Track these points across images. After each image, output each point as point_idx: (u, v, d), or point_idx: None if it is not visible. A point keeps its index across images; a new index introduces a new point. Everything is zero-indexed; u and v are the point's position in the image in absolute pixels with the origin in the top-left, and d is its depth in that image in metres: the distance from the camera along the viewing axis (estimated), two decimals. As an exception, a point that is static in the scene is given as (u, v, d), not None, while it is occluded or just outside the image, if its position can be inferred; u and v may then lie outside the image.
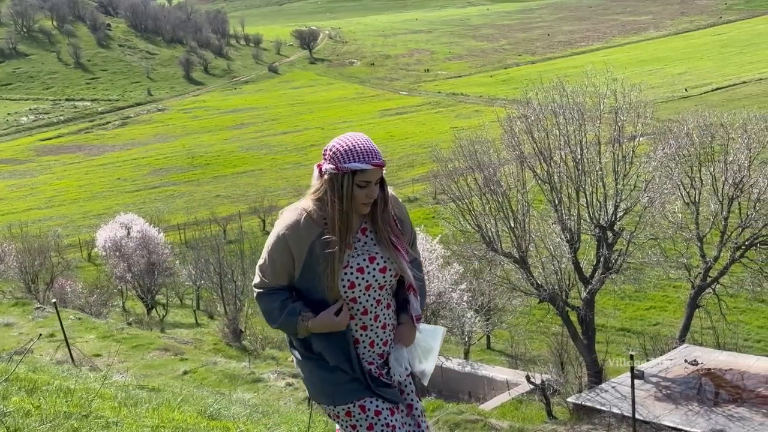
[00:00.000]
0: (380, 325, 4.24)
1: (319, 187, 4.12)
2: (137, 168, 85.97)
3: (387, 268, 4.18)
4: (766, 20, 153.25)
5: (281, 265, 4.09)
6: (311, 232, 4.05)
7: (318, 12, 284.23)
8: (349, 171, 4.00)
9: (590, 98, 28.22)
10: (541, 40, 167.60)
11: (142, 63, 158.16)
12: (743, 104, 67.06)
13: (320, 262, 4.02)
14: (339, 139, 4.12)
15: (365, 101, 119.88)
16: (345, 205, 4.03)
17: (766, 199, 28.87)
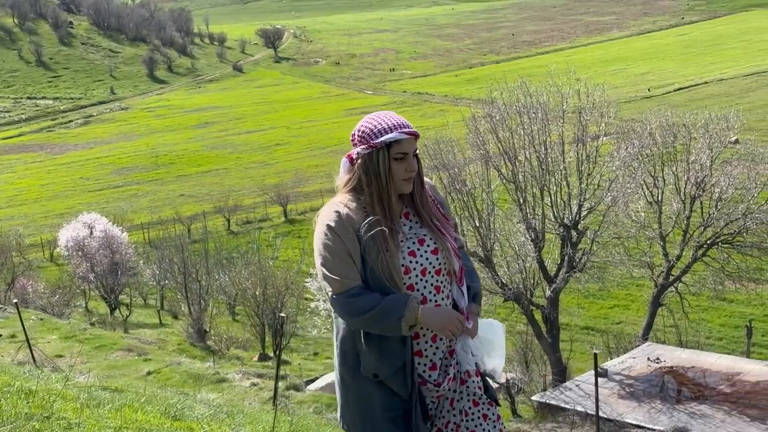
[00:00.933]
0: None
1: (352, 175, 3.87)
2: (100, 167, 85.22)
3: (438, 249, 3.88)
4: (728, 21, 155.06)
5: (347, 255, 3.73)
6: (354, 222, 3.75)
7: (283, 11, 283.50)
8: (384, 145, 3.77)
9: (554, 98, 28.36)
10: (505, 39, 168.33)
11: (105, 61, 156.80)
12: (705, 104, 67.73)
13: (371, 250, 3.72)
14: (364, 119, 3.93)
15: (330, 100, 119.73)
16: (385, 183, 3.78)
17: (727, 199, 29.21)
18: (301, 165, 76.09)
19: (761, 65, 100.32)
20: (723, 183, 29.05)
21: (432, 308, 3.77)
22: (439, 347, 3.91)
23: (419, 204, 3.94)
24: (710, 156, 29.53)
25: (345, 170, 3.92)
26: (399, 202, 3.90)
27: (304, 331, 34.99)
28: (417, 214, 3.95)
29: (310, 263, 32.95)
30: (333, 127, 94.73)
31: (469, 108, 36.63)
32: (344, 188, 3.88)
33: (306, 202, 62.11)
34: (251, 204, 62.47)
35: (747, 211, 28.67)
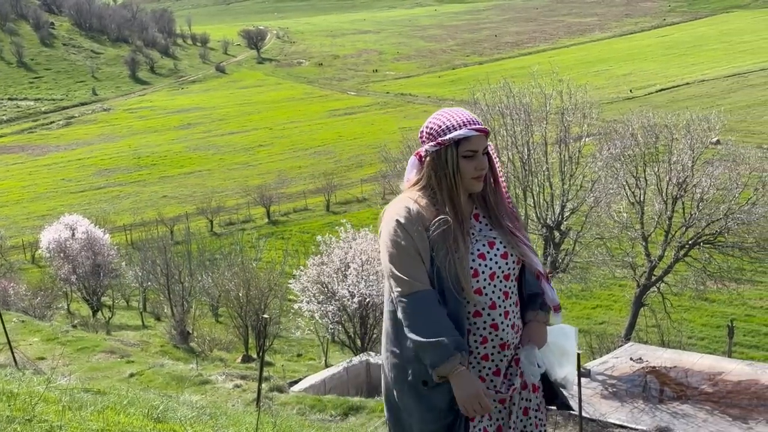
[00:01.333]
0: (510, 324, 3.76)
1: (420, 175, 3.76)
2: (82, 168, 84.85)
3: (508, 253, 3.73)
4: (708, 23, 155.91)
5: (416, 253, 3.58)
6: (424, 219, 3.62)
7: (266, 11, 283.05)
8: (452, 142, 3.64)
9: (537, 99, 28.47)
10: (488, 41, 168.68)
11: (87, 62, 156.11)
12: (686, 105, 68.13)
13: (439, 250, 3.58)
14: (433, 115, 3.79)
15: (314, 101, 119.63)
16: (454, 181, 3.65)
17: (708, 199, 29.39)
18: (284, 166, 75.99)
19: (742, 66, 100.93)
20: (704, 183, 29.23)
21: (466, 378, 3.54)
22: (506, 354, 3.78)
23: (491, 204, 3.81)
24: (692, 157, 29.69)
25: (413, 168, 3.84)
26: (469, 201, 3.78)
27: (288, 333, 34.94)
28: (488, 215, 3.81)
29: (294, 264, 32.94)
30: (316, 128, 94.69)
31: (452, 109, 36.62)
32: (413, 187, 3.78)
33: (289, 203, 62.08)
34: (234, 205, 62.36)
35: (728, 211, 28.86)
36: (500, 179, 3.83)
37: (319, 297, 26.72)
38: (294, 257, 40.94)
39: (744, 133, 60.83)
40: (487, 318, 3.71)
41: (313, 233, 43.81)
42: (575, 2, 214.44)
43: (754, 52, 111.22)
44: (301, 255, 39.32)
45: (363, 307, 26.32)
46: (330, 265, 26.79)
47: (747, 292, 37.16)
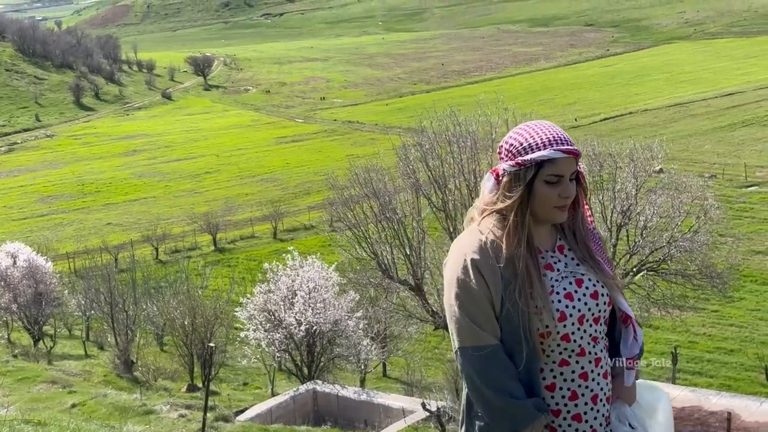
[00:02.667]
0: (602, 373, 3.26)
1: (496, 196, 3.25)
2: (24, 195, 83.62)
3: (598, 293, 3.23)
4: (651, 53, 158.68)
5: (487, 300, 3.11)
6: (498, 253, 3.14)
7: (212, 39, 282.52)
8: (534, 163, 3.14)
9: (483, 127, 28.66)
10: (435, 69, 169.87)
11: (30, 88, 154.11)
12: (630, 134, 69.20)
13: (512, 291, 3.11)
14: (515, 129, 3.32)
15: (261, 128, 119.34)
16: (533, 209, 3.17)
17: (652, 227, 29.78)
18: (231, 193, 75.61)
19: (683, 96, 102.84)
20: (648, 211, 29.62)
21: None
22: (599, 411, 3.26)
23: (578, 236, 3.31)
24: (635, 185, 30.10)
25: (489, 188, 3.32)
26: (552, 231, 3.30)
27: (234, 361, 34.63)
28: (575, 247, 3.30)
29: (240, 292, 32.70)
30: (263, 156, 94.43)
31: (400, 137, 36.84)
32: (487, 210, 3.28)
33: (236, 230, 61.72)
34: (180, 233, 61.82)
35: (671, 239, 29.26)
36: (587, 206, 3.35)
37: (266, 325, 26.58)
38: (241, 285, 40.67)
39: (686, 162, 61.88)
40: (575, 367, 3.20)
41: (260, 261, 43.55)
42: (521, 32, 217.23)
43: (695, 83, 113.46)
44: (247, 283, 39.12)
45: (310, 335, 26.23)
46: (277, 293, 26.70)
47: (690, 319, 37.65)
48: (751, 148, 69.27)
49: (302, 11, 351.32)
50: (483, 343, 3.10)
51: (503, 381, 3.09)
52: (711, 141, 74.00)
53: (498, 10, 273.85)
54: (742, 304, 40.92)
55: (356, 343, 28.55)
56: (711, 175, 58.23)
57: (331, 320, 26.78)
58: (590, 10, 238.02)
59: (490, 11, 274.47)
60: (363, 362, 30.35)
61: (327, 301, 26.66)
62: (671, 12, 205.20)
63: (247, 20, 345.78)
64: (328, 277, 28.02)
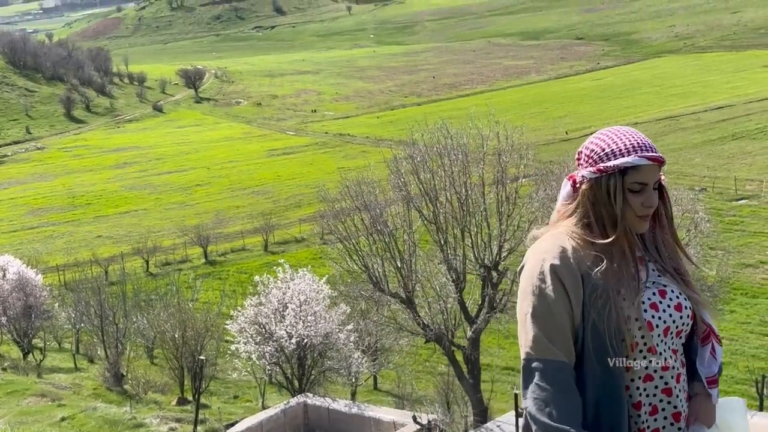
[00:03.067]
0: (683, 389, 3.10)
1: (575, 204, 3.12)
2: (14, 208, 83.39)
3: (682, 305, 3.07)
4: (641, 67, 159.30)
5: (564, 312, 2.94)
6: (582, 262, 2.98)
7: (204, 51, 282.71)
8: (617, 170, 3.01)
9: (474, 140, 28.73)
10: (426, 82, 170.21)
11: (21, 100, 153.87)
12: (620, 147, 69.11)
13: (597, 299, 2.93)
14: (596, 135, 3.24)
15: (252, 141, 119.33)
16: (616, 218, 3.01)
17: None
18: (221, 206, 75.53)
19: (673, 110, 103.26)
20: (639, 224, 29.65)
21: None
22: (681, 429, 3.09)
23: (661, 246, 3.17)
24: (626, 198, 30.13)
25: (565, 195, 3.20)
26: (633, 239, 3.11)
27: (224, 374, 34.51)
28: (657, 258, 3.16)
29: (231, 305, 32.62)
30: (254, 168, 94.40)
31: (391, 149, 36.90)
32: (565, 219, 3.13)
33: (227, 243, 61.64)
34: (171, 245, 61.70)
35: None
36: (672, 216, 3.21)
37: (257, 338, 26.50)
38: (231, 298, 40.57)
39: (676, 175, 62.07)
40: (659, 382, 3.03)
41: (250, 273, 43.49)
42: (512, 45, 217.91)
43: (685, 96, 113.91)
44: (238, 295, 39.03)
45: (301, 347, 26.16)
46: (268, 306, 26.62)
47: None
48: (741, 161, 69.55)
49: (293, 24, 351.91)
50: (551, 358, 2.91)
51: (567, 400, 2.89)
52: (701, 154, 74.29)
53: (489, 24, 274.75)
54: (733, 317, 41.00)
55: (347, 356, 28.48)
56: (701, 189, 58.43)
57: (322, 333, 26.70)
58: (581, 23, 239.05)
59: (481, 25, 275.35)
60: (354, 375, 30.28)
61: (318, 314, 26.59)
62: (661, 26, 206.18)
63: (239, 33, 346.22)
64: (319, 289, 27.94)
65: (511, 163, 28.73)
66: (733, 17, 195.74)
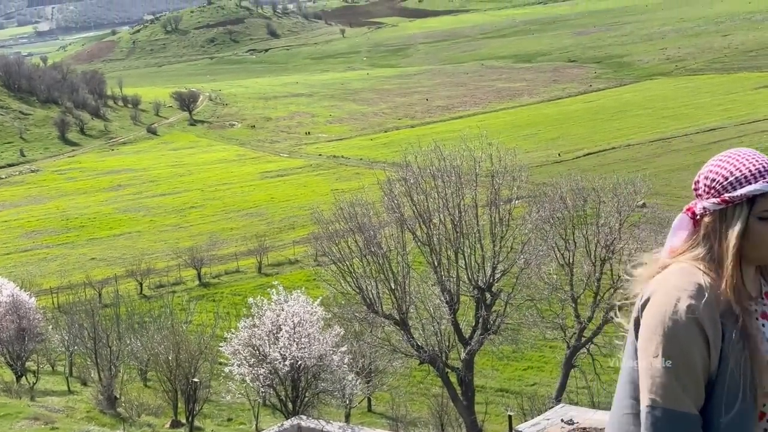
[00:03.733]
0: None
1: (697, 239, 2.86)
2: (8, 230, 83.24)
3: None
4: (633, 89, 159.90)
5: (700, 359, 2.67)
6: (717, 300, 2.71)
7: (198, 74, 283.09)
8: (744, 199, 2.74)
9: (467, 162, 28.89)
10: (419, 104, 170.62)
11: (15, 123, 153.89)
12: (613, 169, 69.59)
13: (735, 345, 2.68)
14: (715, 160, 2.92)
15: (246, 163, 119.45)
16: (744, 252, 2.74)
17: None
18: (215, 228, 75.51)
19: (665, 132, 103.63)
20: (631, 246, 29.78)
21: None
22: None
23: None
24: (619, 219, 30.29)
25: (682, 229, 2.94)
26: (757, 275, 2.87)
27: (218, 397, 34.42)
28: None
29: (225, 327, 32.61)
30: (248, 190, 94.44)
31: (385, 171, 36.98)
32: (685, 255, 2.86)
33: (221, 265, 61.57)
34: (165, 267, 61.64)
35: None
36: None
37: (251, 360, 26.48)
38: (225, 320, 40.57)
39: (669, 197, 62.24)
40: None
41: (244, 295, 43.45)
42: (504, 68, 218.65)
43: (677, 118, 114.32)
44: (232, 317, 39.01)
45: (295, 370, 26.14)
46: (261, 328, 26.61)
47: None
48: (733, 182, 69.71)
49: (288, 47, 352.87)
50: (681, 410, 2.65)
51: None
52: (693, 176, 74.42)
53: (482, 47, 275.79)
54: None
55: (341, 378, 28.45)
56: (694, 210, 58.38)
57: (315, 355, 26.69)
58: (573, 46, 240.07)
59: (474, 47, 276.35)
60: (348, 397, 30.23)
61: (312, 335, 26.59)
62: (653, 49, 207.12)
63: (233, 56, 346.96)
64: (313, 311, 27.95)
65: (504, 184, 28.89)
66: (723, 40, 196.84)
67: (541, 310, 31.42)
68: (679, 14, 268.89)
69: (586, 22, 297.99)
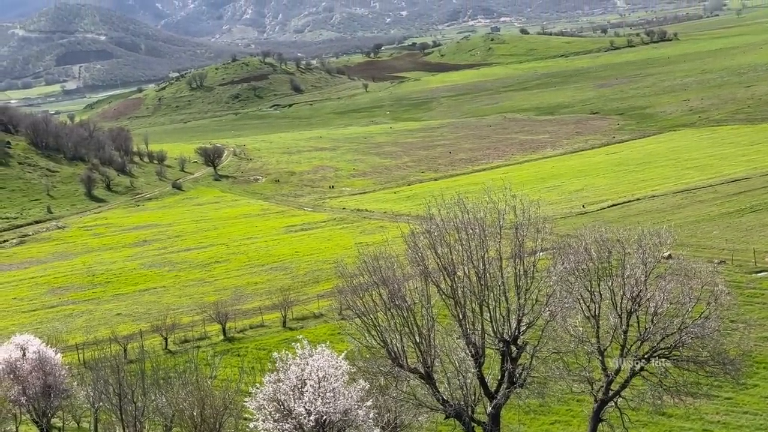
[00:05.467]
0: None
1: None
2: (35, 287, 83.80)
3: None
4: (657, 140, 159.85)
5: None
6: None
7: (222, 129, 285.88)
8: None
9: (491, 214, 28.89)
10: (442, 157, 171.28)
11: (42, 180, 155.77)
12: (638, 220, 69.35)
13: None
14: None
15: (270, 217, 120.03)
16: None
17: (662, 313, 29.67)
18: (240, 282, 75.68)
19: (690, 183, 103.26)
20: (658, 297, 29.58)
21: None
22: None
23: None
24: (644, 271, 30.10)
25: None
26: None
27: (243, 453, 34.27)
28: None
29: (250, 382, 32.52)
30: (273, 244, 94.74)
31: (408, 224, 37.03)
32: None
33: (245, 319, 61.58)
34: (189, 322, 61.72)
35: (682, 325, 29.15)
36: None
37: (275, 415, 26.39)
38: (250, 374, 40.38)
39: (695, 248, 61.86)
40: None
41: (269, 350, 43.40)
42: (527, 120, 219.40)
43: (702, 169, 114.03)
44: (257, 372, 38.86)
45: (320, 425, 25.99)
46: (286, 382, 26.55)
47: (704, 407, 37.22)
48: (759, 233, 69.23)
49: (311, 102, 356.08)
50: None
51: None
52: (719, 227, 74.03)
53: (504, 99, 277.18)
54: (756, 391, 40.45)
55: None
56: (720, 261, 58.14)
57: (341, 409, 26.56)
58: (595, 98, 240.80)
59: (497, 100, 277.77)
60: (374, 453, 30.00)
61: (337, 390, 26.49)
62: (676, 100, 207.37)
63: (257, 111, 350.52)
64: (338, 365, 27.88)
65: (528, 236, 28.84)
66: (746, 91, 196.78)
67: (568, 362, 31.16)
68: (702, 66, 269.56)
69: (608, 74, 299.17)
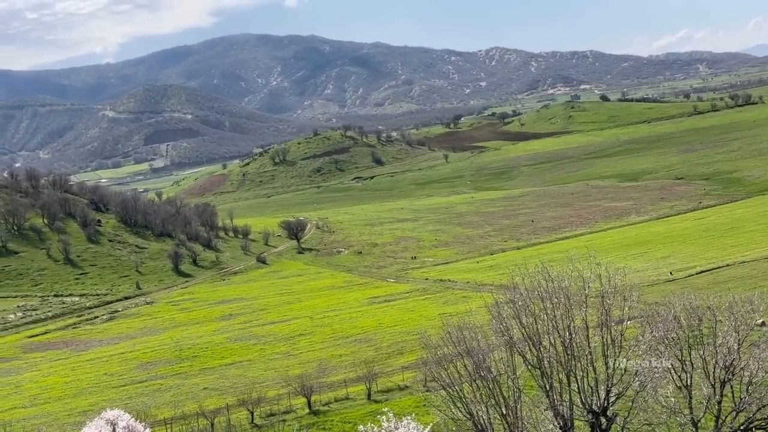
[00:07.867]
0: None
1: None
2: (124, 362, 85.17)
3: None
4: (745, 205, 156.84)
5: None
6: None
7: (305, 203, 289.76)
8: None
9: (575, 282, 28.56)
10: (525, 226, 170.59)
11: (131, 257, 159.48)
12: (728, 287, 67.72)
13: None
14: None
15: (353, 289, 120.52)
16: None
17: (758, 382, 28.78)
18: (324, 355, 75.80)
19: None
20: (753, 366, 28.74)
21: None
22: None
23: None
24: (737, 339, 29.33)
25: None
26: None
27: None
28: None
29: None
30: (356, 316, 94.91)
31: (492, 294, 36.77)
32: None
33: (330, 392, 61.49)
34: (275, 396, 61.88)
35: (779, 393, 28.20)
36: None
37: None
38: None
39: (790, 313, 60.02)
40: None
41: (354, 423, 43.23)
42: (610, 187, 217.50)
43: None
44: (342, 446, 38.71)
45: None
46: (372, 456, 26.31)
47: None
48: None
49: (392, 173, 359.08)
50: None
51: None
52: (814, 291, 71.88)
53: (586, 167, 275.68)
54: None
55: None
56: (818, 326, 56.29)
57: (427, 484, 26.20)
58: (680, 163, 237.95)
59: (578, 168, 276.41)
60: None
61: (424, 465, 26.16)
62: (763, 163, 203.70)
63: (339, 184, 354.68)
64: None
65: (615, 305, 28.40)
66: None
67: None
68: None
69: (692, 139, 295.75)
